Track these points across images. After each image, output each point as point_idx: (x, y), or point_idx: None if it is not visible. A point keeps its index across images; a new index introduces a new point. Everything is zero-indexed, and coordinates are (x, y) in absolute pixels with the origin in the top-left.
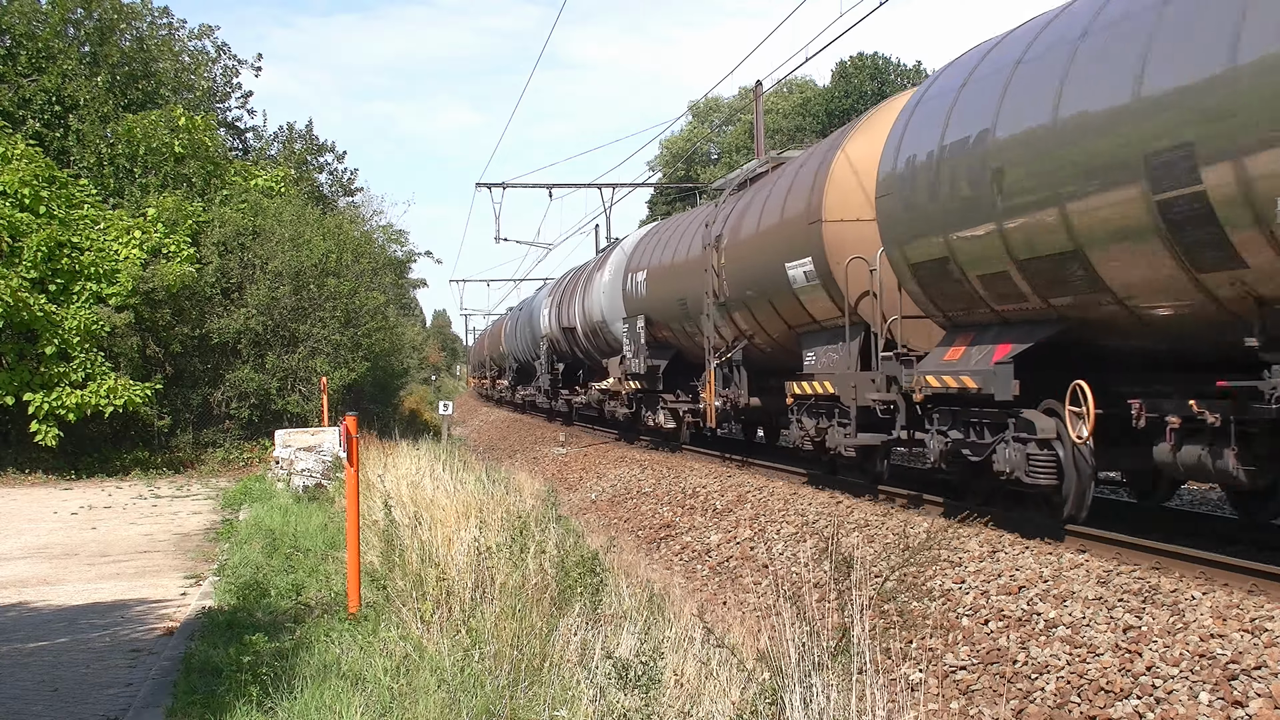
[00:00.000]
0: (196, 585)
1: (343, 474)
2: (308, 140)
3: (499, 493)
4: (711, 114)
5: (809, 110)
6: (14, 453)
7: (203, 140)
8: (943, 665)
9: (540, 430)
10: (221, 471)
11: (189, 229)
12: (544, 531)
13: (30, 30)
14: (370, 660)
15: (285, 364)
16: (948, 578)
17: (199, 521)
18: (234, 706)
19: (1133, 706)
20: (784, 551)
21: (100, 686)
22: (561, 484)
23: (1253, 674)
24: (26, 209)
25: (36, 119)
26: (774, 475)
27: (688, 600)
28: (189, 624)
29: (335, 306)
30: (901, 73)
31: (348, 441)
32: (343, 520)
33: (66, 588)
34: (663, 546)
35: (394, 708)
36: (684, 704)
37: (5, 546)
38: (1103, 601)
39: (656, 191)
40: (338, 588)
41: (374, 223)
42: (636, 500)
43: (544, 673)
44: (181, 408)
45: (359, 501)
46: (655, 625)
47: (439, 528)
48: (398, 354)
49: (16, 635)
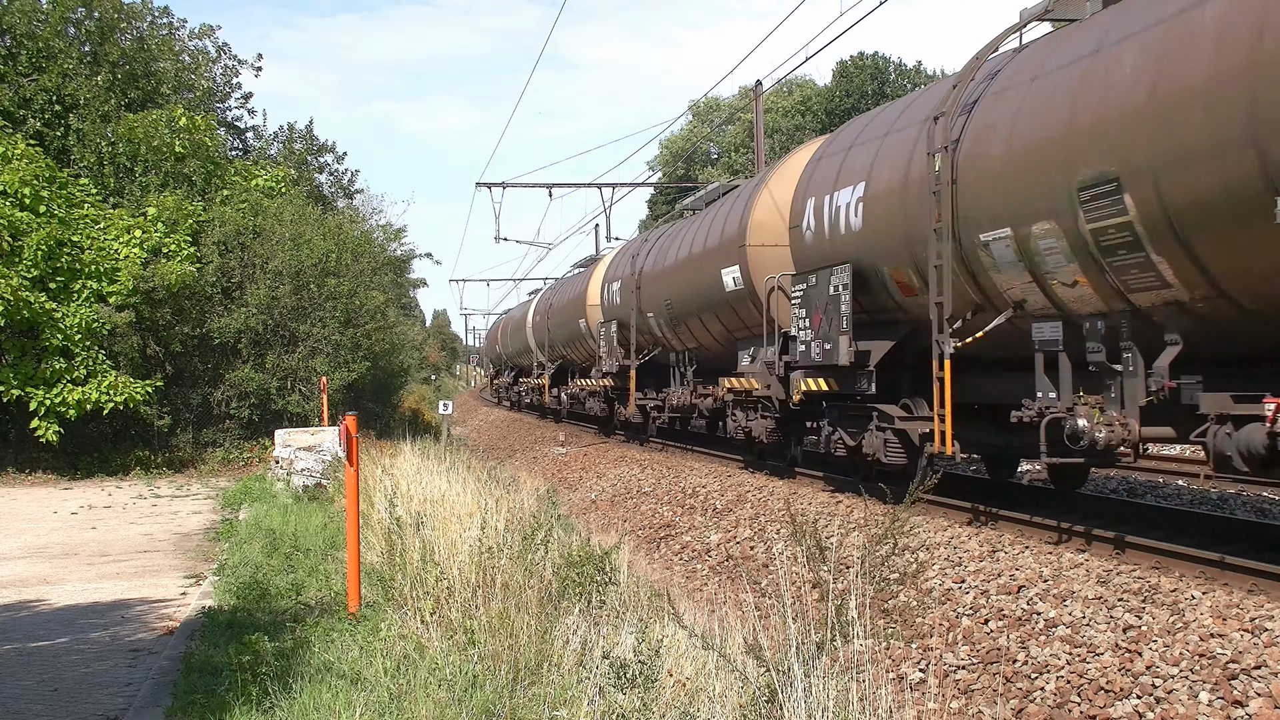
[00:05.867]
0: (196, 585)
1: (342, 474)
2: (308, 140)
3: (499, 492)
4: (711, 114)
5: (809, 110)
6: (14, 452)
7: (203, 140)
8: (943, 665)
9: (540, 430)
10: (221, 471)
11: (189, 228)
12: (546, 531)
13: (31, 30)
14: (370, 660)
15: (285, 364)
16: (948, 577)
17: (199, 521)
18: (234, 706)
19: (1133, 706)
20: (784, 551)
21: (100, 686)
22: (562, 484)
23: (1253, 673)
24: (27, 208)
25: (37, 118)
26: (775, 475)
27: (688, 599)
28: (189, 624)
29: (335, 306)
30: (902, 72)
31: (347, 441)
32: (342, 520)
33: (66, 587)
34: (663, 546)
35: (394, 708)
36: (684, 704)
37: (5, 546)
38: (1103, 601)
39: (656, 191)
40: (338, 587)
41: (373, 221)
42: (637, 500)
43: (543, 672)
44: (181, 407)
45: (359, 501)
46: (655, 625)
47: (439, 527)
48: (398, 354)
49: (16, 635)
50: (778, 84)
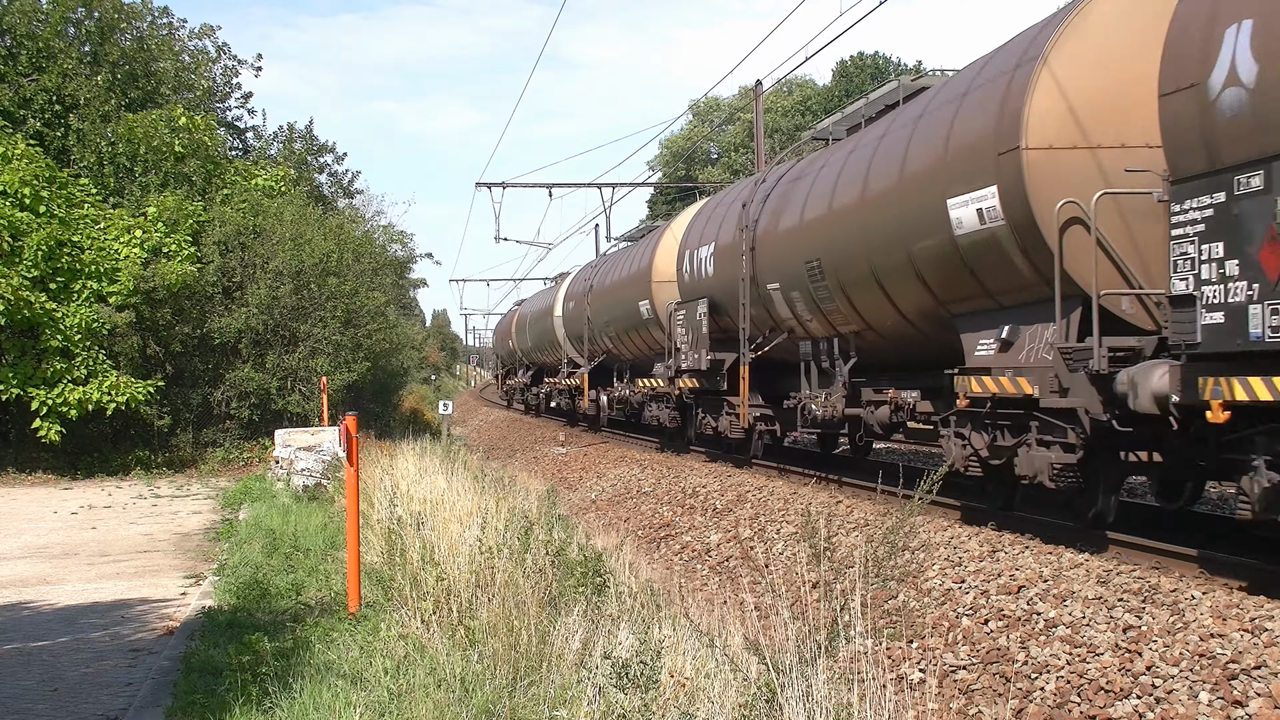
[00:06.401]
0: (196, 585)
1: (342, 474)
2: (308, 140)
3: (499, 492)
4: (711, 113)
5: (809, 110)
6: (14, 452)
7: (203, 140)
8: (943, 665)
9: (539, 430)
10: (221, 471)
11: (189, 228)
12: (546, 531)
13: (31, 30)
14: (370, 660)
15: (285, 364)
16: (948, 577)
17: (199, 521)
18: (234, 706)
19: (1133, 706)
20: (784, 551)
21: (100, 686)
22: (561, 483)
23: (1253, 673)
24: (27, 208)
25: (37, 118)
26: (775, 475)
27: (688, 599)
28: (189, 624)
29: (336, 306)
30: (902, 73)
31: (347, 441)
32: (342, 520)
33: (67, 587)
34: (663, 546)
35: (394, 708)
36: (683, 703)
37: (5, 546)
38: (1103, 601)
39: (656, 191)
40: (338, 587)
41: (375, 223)
42: (636, 500)
43: (543, 672)
44: (182, 407)
45: (359, 501)
46: (655, 625)
47: (439, 527)
48: (398, 354)
49: (17, 635)
50: (778, 84)
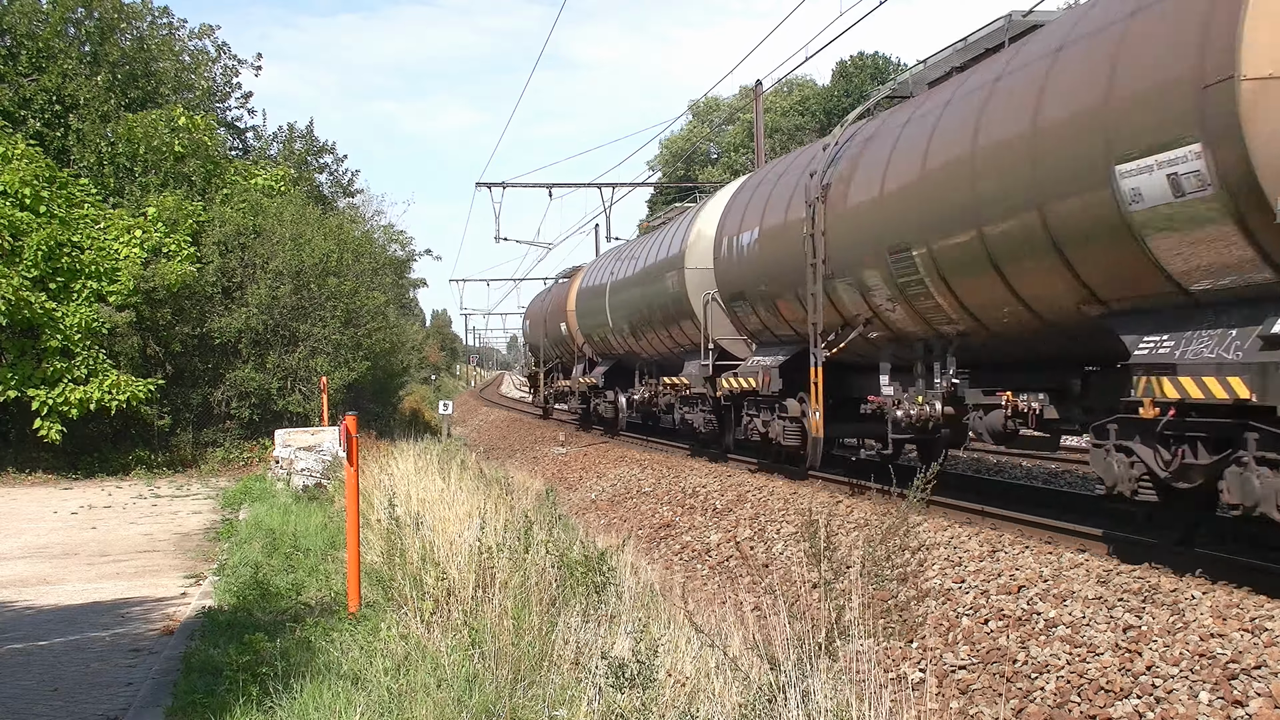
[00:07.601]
0: (196, 585)
1: (342, 473)
2: (308, 140)
3: (499, 492)
4: (711, 113)
5: (809, 110)
6: (14, 452)
7: (203, 140)
8: (943, 665)
9: (539, 430)
10: (221, 471)
11: (189, 228)
12: (546, 531)
13: (31, 30)
14: (370, 660)
15: (285, 364)
16: (948, 577)
17: (199, 521)
18: (234, 706)
19: (1133, 706)
20: (784, 551)
21: (100, 686)
22: (561, 484)
23: (1253, 673)
24: (27, 208)
25: (37, 118)
26: (775, 475)
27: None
28: (189, 624)
29: (336, 306)
30: (902, 73)
31: (347, 441)
32: (343, 520)
33: (67, 587)
34: (663, 545)
35: (394, 708)
36: (683, 703)
37: (5, 546)
38: (1103, 601)
39: (656, 191)
40: (338, 587)
41: (374, 222)
42: (636, 500)
43: (543, 672)
44: (182, 407)
45: (359, 501)
46: (654, 624)
47: (439, 527)
48: (398, 353)
49: (16, 635)
50: (778, 84)
